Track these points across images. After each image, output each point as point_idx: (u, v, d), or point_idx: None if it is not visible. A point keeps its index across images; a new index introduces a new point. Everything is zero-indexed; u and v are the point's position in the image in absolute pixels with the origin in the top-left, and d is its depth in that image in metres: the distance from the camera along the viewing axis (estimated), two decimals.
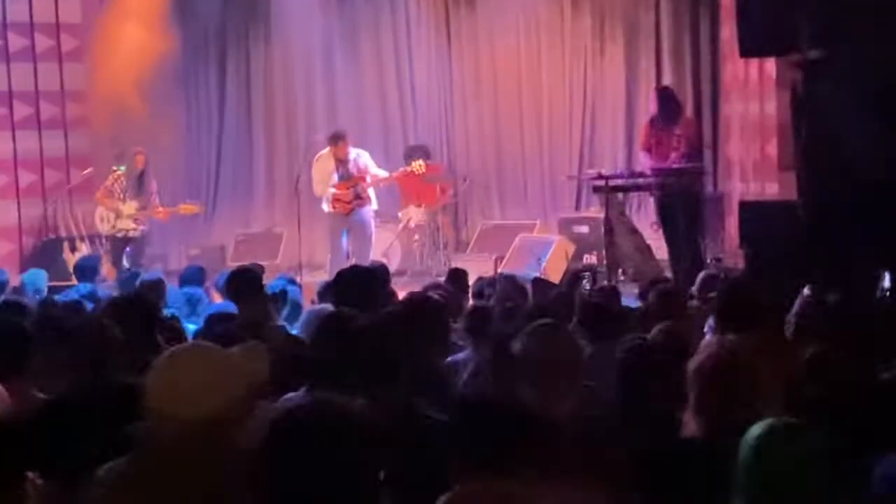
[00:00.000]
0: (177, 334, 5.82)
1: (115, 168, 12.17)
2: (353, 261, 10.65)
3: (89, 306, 6.53)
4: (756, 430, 2.68)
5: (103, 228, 11.15)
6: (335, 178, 10.71)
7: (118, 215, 10.90)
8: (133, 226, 10.90)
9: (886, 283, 7.56)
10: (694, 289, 6.76)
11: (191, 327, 6.30)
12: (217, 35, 14.35)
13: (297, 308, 7.07)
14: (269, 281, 7.04)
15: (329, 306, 6.08)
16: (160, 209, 11.05)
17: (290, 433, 2.31)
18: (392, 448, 2.64)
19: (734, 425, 2.87)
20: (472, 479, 2.68)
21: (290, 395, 3.78)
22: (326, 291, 6.14)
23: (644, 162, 9.82)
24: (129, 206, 10.89)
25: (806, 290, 6.98)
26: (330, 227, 10.97)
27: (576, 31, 13.63)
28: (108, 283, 9.28)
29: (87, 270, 8.89)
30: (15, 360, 4.12)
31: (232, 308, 5.78)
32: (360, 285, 5.11)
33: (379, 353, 3.54)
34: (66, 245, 12.24)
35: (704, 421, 3.13)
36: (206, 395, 2.53)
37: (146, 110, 12.36)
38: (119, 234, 10.97)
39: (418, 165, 11.15)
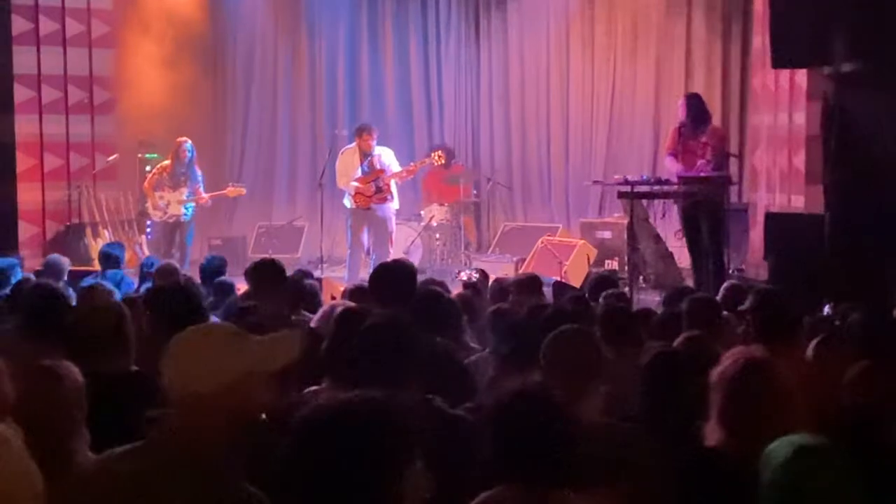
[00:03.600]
0: None
1: (140, 155, 12.19)
2: (371, 257, 10.66)
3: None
4: (785, 449, 2.62)
5: (155, 216, 11.20)
6: (359, 172, 10.71)
7: (168, 203, 11.01)
8: (183, 211, 11.01)
9: None
10: (717, 299, 6.69)
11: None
12: (246, 27, 14.37)
13: (315, 302, 7.07)
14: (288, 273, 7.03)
15: (346, 302, 6.08)
16: (203, 196, 11.15)
17: (329, 428, 2.26)
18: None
19: (757, 436, 2.83)
20: (504, 481, 2.66)
21: (314, 388, 3.77)
22: (357, 292, 6.12)
23: (669, 166, 9.74)
24: (180, 193, 10.99)
25: (827, 308, 6.93)
26: (351, 222, 10.97)
27: (606, 36, 13.57)
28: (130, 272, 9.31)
29: (111, 258, 8.91)
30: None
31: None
32: (396, 282, 5.08)
33: (395, 349, 3.53)
34: (88, 230, 12.28)
35: (727, 430, 3.08)
36: (222, 371, 2.50)
37: (174, 98, 12.39)
38: (171, 220, 11.08)
39: (437, 156, 11.18)
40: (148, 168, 11.75)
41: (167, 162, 11.11)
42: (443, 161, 11.33)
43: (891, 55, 7.92)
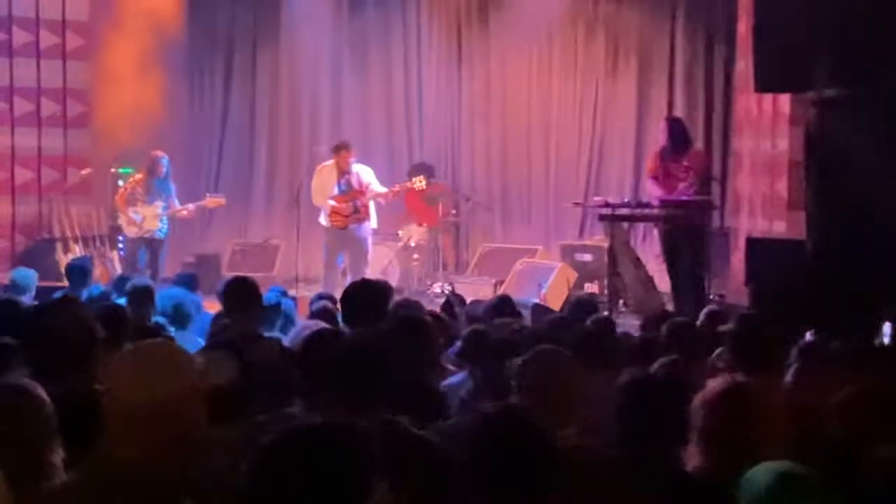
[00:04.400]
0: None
1: (113, 169, 12.14)
2: (348, 277, 10.63)
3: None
4: (764, 475, 2.63)
5: (130, 232, 11.14)
6: (336, 190, 10.69)
7: (144, 218, 10.94)
8: (159, 225, 10.96)
9: (887, 332, 7.51)
10: (697, 324, 6.71)
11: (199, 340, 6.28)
12: (225, 41, 14.36)
13: (290, 321, 7.05)
14: (262, 292, 7.01)
15: (320, 322, 6.09)
16: (183, 209, 11.10)
17: (293, 452, 2.28)
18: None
19: (737, 461, 2.85)
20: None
21: (287, 410, 3.76)
22: (325, 312, 6.13)
23: (650, 190, 9.80)
24: (155, 207, 10.94)
25: (808, 335, 6.96)
26: (326, 241, 10.94)
27: (588, 57, 13.64)
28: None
29: (78, 272, 8.83)
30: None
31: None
32: (367, 302, 5.09)
33: (366, 370, 3.53)
34: (59, 245, 12.21)
35: (706, 454, 3.09)
36: (161, 384, 2.50)
37: (149, 113, 12.36)
38: (146, 236, 11.01)
39: (419, 181, 11.14)
40: (120, 183, 11.69)
41: (140, 176, 11.07)
42: (423, 186, 11.29)
43: (874, 81, 7.98)
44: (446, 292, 9.45)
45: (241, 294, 5.37)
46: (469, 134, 14.19)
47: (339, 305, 6.61)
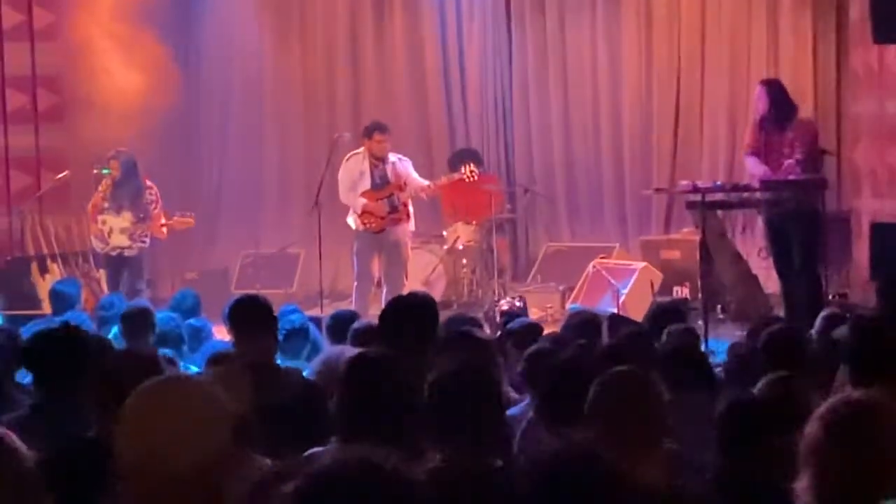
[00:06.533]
0: None
1: (96, 171, 12.24)
2: (383, 290, 10.65)
3: None
4: None
5: (97, 247, 11.16)
6: (368, 184, 10.65)
7: (110, 231, 10.87)
8: (128, 242, 10.87)
9: None
10: (813, 331, 6.69)
11: (193, 369, 6.36)
12: (224, 6, 14.42)
13: (316, 347, 7.12)
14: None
15: (349, 348, 6.12)
16: (162, 225, 10.99)
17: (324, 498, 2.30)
18: None
19: (861, 498, 2.83)
20: None
21: (316, 449, 3.79)
22: (366, 333, 6.17)
23: (751, 168, 9.77)
24: (123, 219, 10.87)
25: None
26: (357, 248, 10.95)
27: (667, 8, 13.58)
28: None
29: (63, 297, 8.95)
30: None
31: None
32: (411, 321, 5.12)
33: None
34: (34, 266, 12.33)
35: (822, 494, 3.07)
36: (186, 441, 2.49)
37: (135, 101, 12.44)
38: (114, 253, 10.98)
39: (469, 171, 11.04)
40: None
41: (109, 180, 11.01)
42: (475, 178, 11.18)
43: None
44: (516, 307, 9.44)
45: (250, 316, 5.39)
46: (523, 111, 14.18)
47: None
